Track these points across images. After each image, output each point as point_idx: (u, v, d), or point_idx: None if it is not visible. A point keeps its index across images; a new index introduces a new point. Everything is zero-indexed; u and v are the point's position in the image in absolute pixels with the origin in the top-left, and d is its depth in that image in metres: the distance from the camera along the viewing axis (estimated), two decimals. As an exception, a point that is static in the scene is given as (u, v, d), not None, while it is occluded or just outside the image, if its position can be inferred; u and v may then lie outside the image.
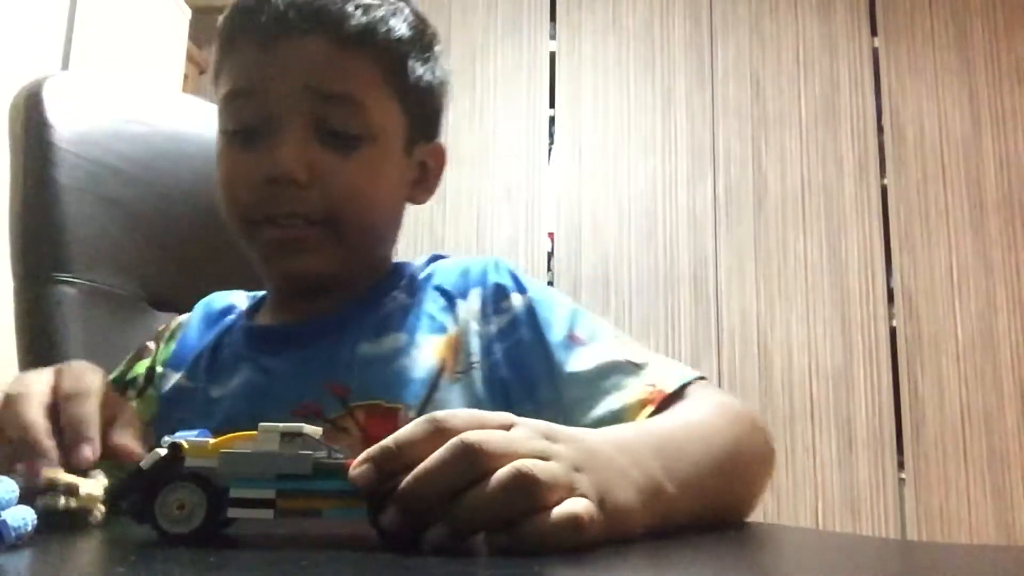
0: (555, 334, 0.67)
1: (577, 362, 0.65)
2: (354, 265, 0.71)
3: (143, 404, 0.75)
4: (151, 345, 0.80)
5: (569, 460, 0.39)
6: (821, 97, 2.72)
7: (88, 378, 0.53)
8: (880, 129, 2.69)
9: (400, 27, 0.70)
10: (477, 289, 0.72)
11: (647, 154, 2.70)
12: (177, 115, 0.96)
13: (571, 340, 0.67)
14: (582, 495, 0.38)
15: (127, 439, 0.51)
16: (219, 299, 0.82)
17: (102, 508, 0.43)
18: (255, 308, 0.80)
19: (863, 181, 2.66)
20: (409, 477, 0.36)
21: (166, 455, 0.37)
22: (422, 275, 0.76)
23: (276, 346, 0.72)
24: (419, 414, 0.59)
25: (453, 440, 0.36)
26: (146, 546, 0.35)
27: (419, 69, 0.72)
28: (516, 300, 0.70)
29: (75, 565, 0.35)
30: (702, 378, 0.66)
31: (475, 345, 0.69)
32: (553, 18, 2.83)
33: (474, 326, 0.70)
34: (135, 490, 0.36)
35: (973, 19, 2.72)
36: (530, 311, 0.69)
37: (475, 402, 0.66)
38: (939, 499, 2.45)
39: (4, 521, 0.34)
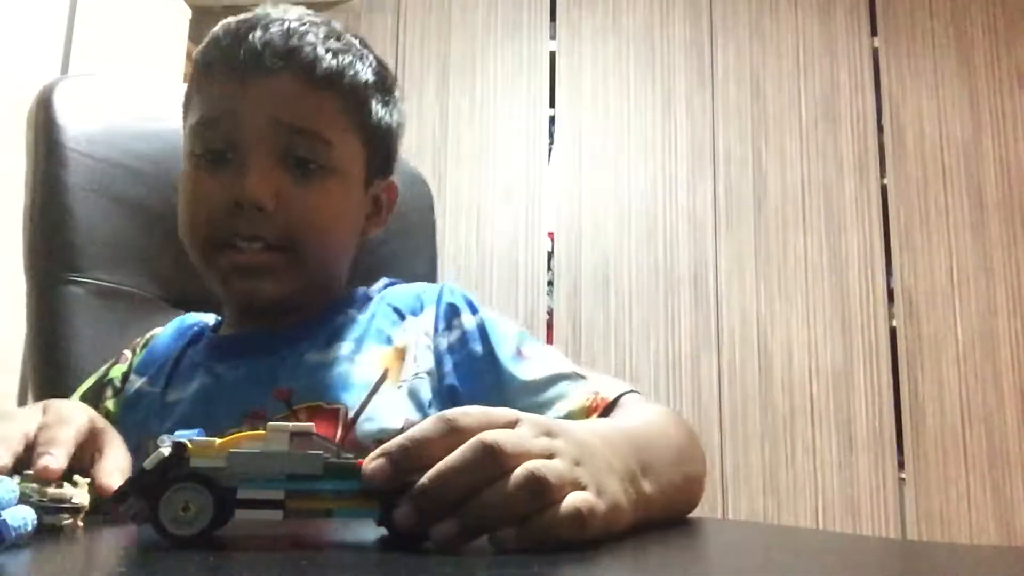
0: (504, 350, 0.73)
1: (526, 373, 0.71)
2: (309, 289, 0.75)
3: (115, 406, 0.79)
4: (127, 353, 0.83)
5: (570, 455, 0.41)
6: (821, 97, 2.72)
7: (69, 412, 0.54)
8: (880, 129, 2.69)
9: (365, 72, 0.75)
10: (431, 307, 0.78)
11: (647, 154, 2.71)
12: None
13: (519, 355, 0.73)
14: (584, 488, 0.39)
15: (107, 474, 0.51)
16: (192, 316, 0.87)
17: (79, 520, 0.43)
18: (219, 323, 0.84)
19: (863, 181, 2.66)
20: (430, 474, 0.37)
21: (170, 455, 0.36)
22: (377, 295, 0.82)
23: (230, 355, 0.76)
24: (358, 416, 0.66)
25: (473, 441, 0.38)
26: (147, 547, 0.35)
27: (380, 111, 0.77)
28: (467, 319, 0.76)
29: (75, 566, 0.35)
30: (636, 392, 0.72)
31: (425, 357, 0.74)
32: (553, 18, 2.83)
33: (425, 340, 0.75)
34: (138, 490, 0.36)
35: (973, 19, 2.72)
36: (481, 329, 0.75)
37: (419, 408, 0.71)
38: (939, 499, 2.45)
39: (4, 521, 0.34)
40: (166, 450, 0.36)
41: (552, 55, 2.81)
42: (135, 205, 0.88)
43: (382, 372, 0.72)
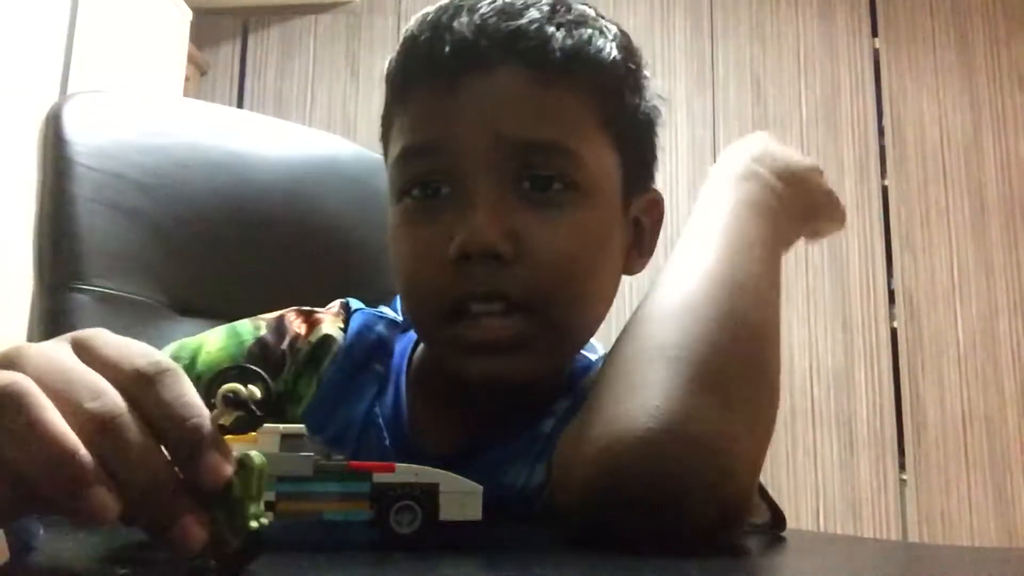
0: None
1: None
2: (563, 363, 0.58)
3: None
4: (285, 356, 0.62)
5: None
6: (822, 99, 2.72)
7: (145, 348, 0.32)
8: (881, 131, 2.69)
9: (610, 49, 0.55)
10: None
11: (648, 155, 2.71)
12: (197, 125, 0.99)
13: None
14: None
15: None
16: (364, 334, 0.64)
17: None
18: (409, 357, 0.64)
19: (864, 182, 2.66)
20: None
21: None
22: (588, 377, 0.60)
23: (415, 461, 0.58)
24: None
25: None
26: (146, 548, 0.35)
27: (634, 100, 0.57)
28: None
29: (75, 567, 0.35)
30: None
31: None
32: (554, 19, 2.83)
33: None
34: None
35: (974, 20, 2.72)
36: None
37: None
38: (940, 501, 2.44)
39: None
40: None
41: (552, 56, 2.81)
42: (139, 216, 0.90)
43: None
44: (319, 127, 2.75)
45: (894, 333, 2.56)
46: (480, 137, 0.52)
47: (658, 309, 0.47)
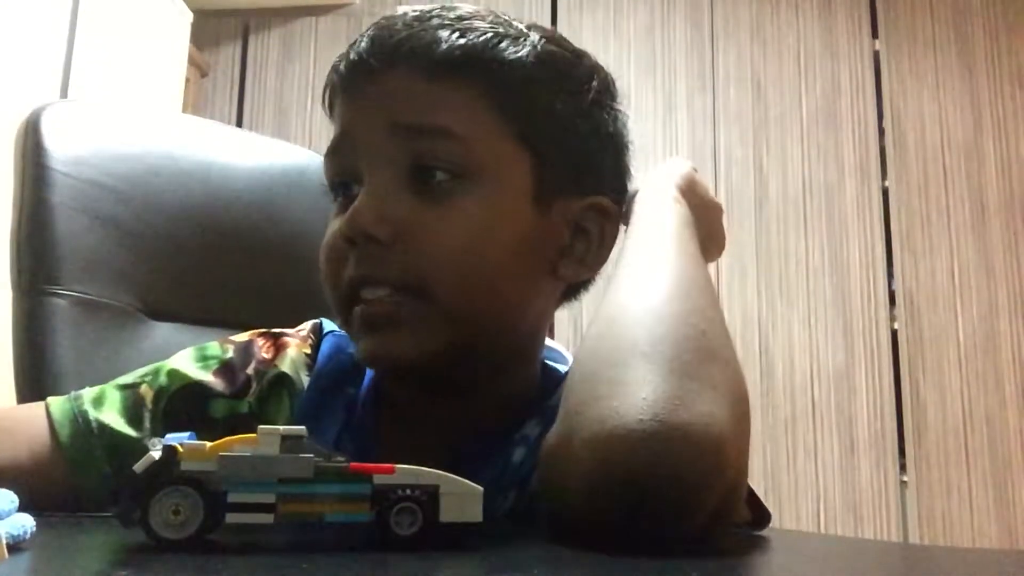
0: None
1: None
2: (465, 354, 0.56)
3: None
4: (249, 379, 0.64)
5: None
6: (822, 100, 2.72)
7: None
8: (881, 132, 2.69)
9: (515, 50, 0.57)
10: None
11: (648, 156, 2.70)
12: (173, 135, 1.01)
13: None
14: None
15: None
16: (333, 355, 0.66)
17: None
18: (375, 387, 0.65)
19: (864, 184, 2.66)
20: None
21: (161, 458, 0.36)
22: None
23: None
24: None
25: None
26: (144, 550, 0.35)
27: (547, 100, 0.58)
28: None
29: (75, 568, 0.35)
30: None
31: None
32: (554, 20, 2.84)
33: None
34: (128, 494, 0.35)
35: (974, 22, 2.72)
36: None
37: None
38: (941, 502, 2.44)
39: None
40: (156, 453, 0.36)
41: (553, 57, 2.81)
42: (115, 222, 0.92)
43: None
44: (319, 128, 2.76)
45: (895, 334, 2.56)
46: (373, 132, 0.56)
47: (622, 312, 0.48)
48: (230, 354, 0.65)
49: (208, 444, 0.36)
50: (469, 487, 0.38)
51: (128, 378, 0.64)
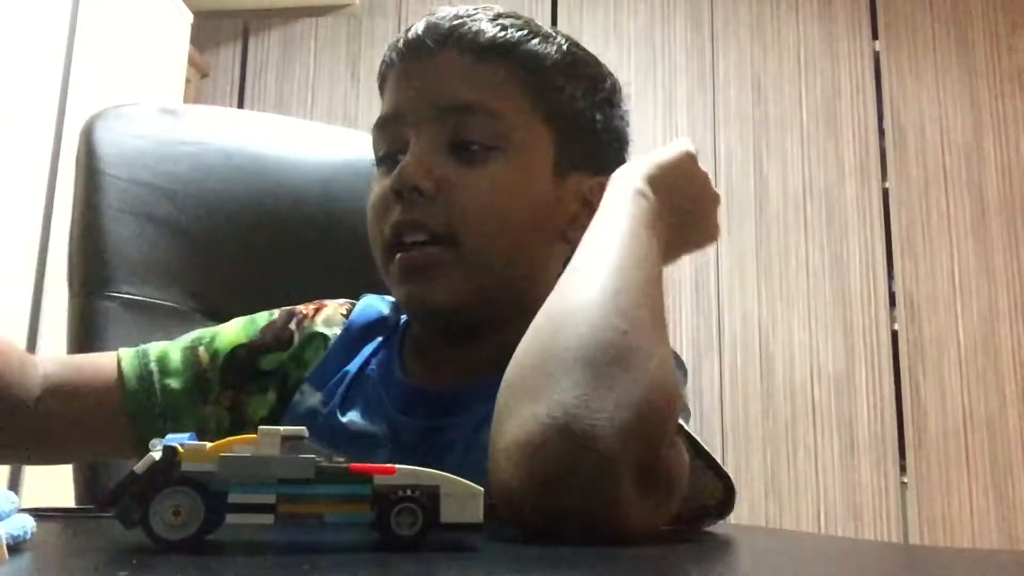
0: None
1: None
2: (488, 299, 0.65)
3: (254, 401, 0.72)
4: (292, 333, 0.74)
5: None
6: (822, 101, 2.72)
7: None
8: (881, 132, 2.69)
9: (546, 48, 0.67)
10: None
11: (648, 158, 2.70)
12: (227, 132, 1.01)
13: None
14: None
15: None
16: (366, 310, 0.76)
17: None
18: (403, 333, 0.74)
19: (864, 184, 2.66)
20: None
21: (161, 459, 0.36)
22: None
23: (405, 405, 0.68)
24: None
25: None
26: (145, 551, 0.35)
27: (575, 94, 0.68)
28: None
29: (75, 568, 0.35)
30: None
31: None
32: (554, 21, 2.84)
33: None
34: (128, 494, 0.35)
35: (974, 22, 2.72)
36: None
37: None
38: (941, 503, 2.44)
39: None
40: (157, 454, 0.36)
41: (553, 58, 2.81)
42: (165, 223, 0.93)
43: None
44: (320, 129, 2.76)
45: (895, 336, 2.56)
46: (421, 103, 0.65)
47: (549, 317, 0.51)
48: (275, 316, 0.76)
49: (208, 444, 0.36)
50: (469, 488, 0.38)
51: (186, 339, 0.73)
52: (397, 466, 0.37)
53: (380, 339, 0.74)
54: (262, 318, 0.75)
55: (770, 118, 2.72)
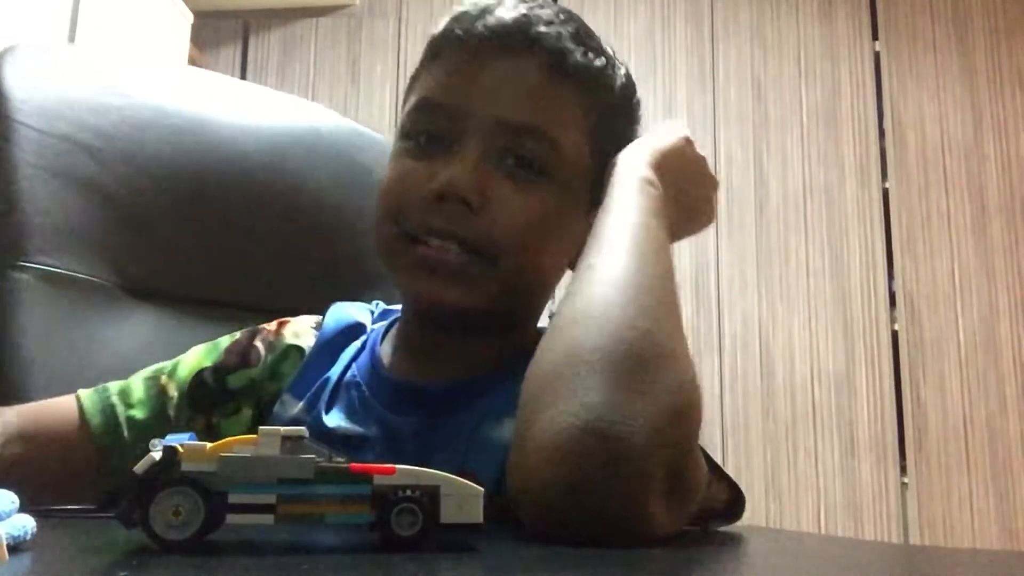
0: None
1: None
2: (502, 313, 0.64)
3: (227, 422, 0.70)
4: (259, 349, 0.72)
5: None
6: (822, 101, 2.72)
7: None
8: (882, 133, 2.69)
9: (616, 77, 0.66)
10: None
11: (648, 158, 2.71)
12: (167, 87, 0.88)
13: None
14: None
15: None
16: (340, 318, 0.74)
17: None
18: (385, 333, 0.72)
19: (865, 185, 2.66)
20: None
21: (161, 459, 0.36)
22: None
23: (396, 404, 0.66)
24: None
25: None
26: (145, 551, 0.35)
27: (625, 127, 0.68)
28: None
29: (75, 568, 0.35)
30: None
31: None
32: (554, 22, 2.83)
33: None
34: (128, 495, 0.35)
35: (974, 23, 2.72)
36: None
37: None
38: (942, 504, 2.44)
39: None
40: (157, 454, 0.36)
41: (553, 59, 2.81)
42: (91, 185, 0.80)
43: None
44: (320, 129, 2.76)
45: (895, 336, 2.56)
46: (486, 111, 0.60)
47: (570, 320, 0.50)
48: (238, 335, 0.73)
49: (208, 445, 0.36)
50: (470, 488, 0.38)
51: (147, 371, 0.71)
52: (397, 466, 0.37)
53: (358, 344, 0.71)
54: (224, 341, 0.73)
55: (770, 119, 2.72)
